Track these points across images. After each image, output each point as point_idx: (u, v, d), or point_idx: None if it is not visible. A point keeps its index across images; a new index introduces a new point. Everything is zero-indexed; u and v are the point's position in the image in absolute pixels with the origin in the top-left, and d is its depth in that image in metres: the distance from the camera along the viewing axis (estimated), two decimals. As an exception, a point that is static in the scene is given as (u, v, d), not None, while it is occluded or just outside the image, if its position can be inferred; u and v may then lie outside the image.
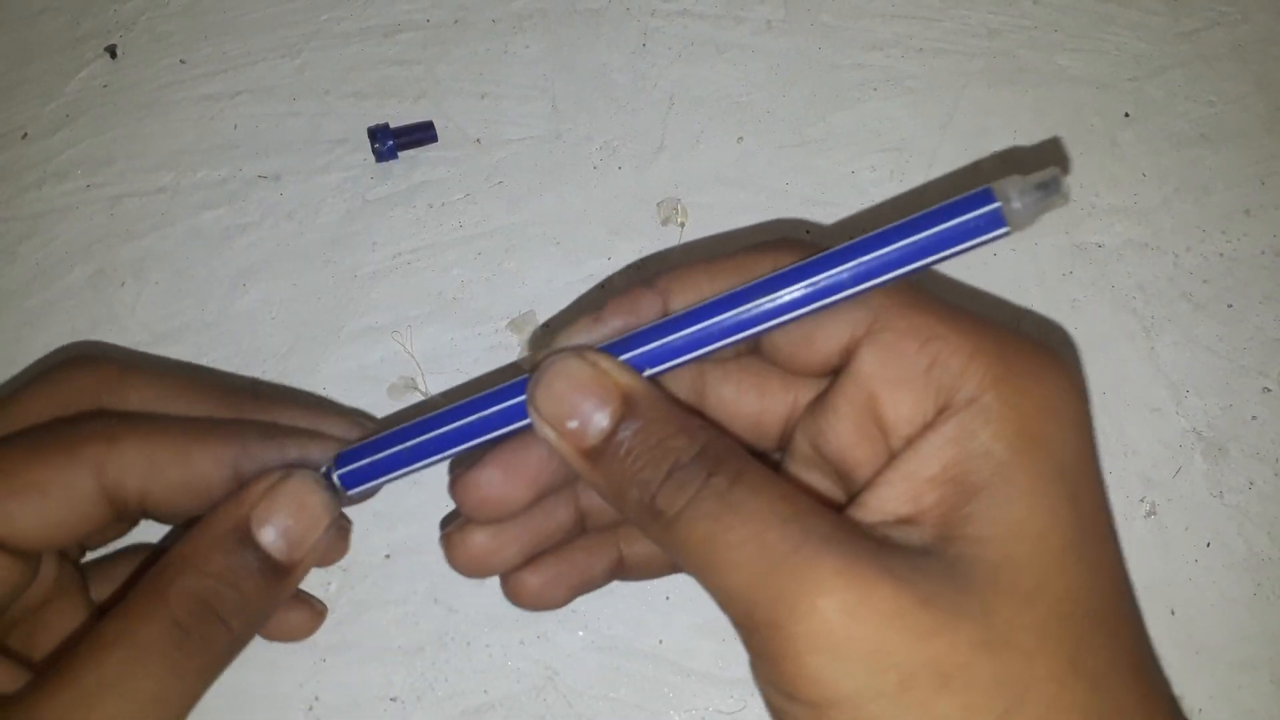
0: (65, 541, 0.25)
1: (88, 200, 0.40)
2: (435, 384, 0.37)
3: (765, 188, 0.40)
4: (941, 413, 0.21)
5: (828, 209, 0.40)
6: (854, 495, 0.23)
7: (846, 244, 0.22)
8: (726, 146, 0.40)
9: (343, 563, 0.35)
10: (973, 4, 0.43)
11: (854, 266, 0.22)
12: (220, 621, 0.24)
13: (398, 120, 0.40)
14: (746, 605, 0.20)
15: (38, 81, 0.42)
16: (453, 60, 0.42)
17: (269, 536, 0.25)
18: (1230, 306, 0.38)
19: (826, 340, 0.23)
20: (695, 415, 0.23)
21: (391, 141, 0.40)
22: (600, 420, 0.22)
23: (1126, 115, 0.41)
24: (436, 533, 0.36)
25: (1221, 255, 0.39)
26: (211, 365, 0.38)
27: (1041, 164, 0.23)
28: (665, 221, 0.39)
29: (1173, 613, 0.35)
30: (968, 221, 0.21)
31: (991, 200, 0.21)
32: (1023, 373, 0.21)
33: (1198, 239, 0.39)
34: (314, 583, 0.35)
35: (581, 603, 0.35)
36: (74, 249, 0.39)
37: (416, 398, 0.37)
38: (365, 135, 0.40)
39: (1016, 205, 0.21)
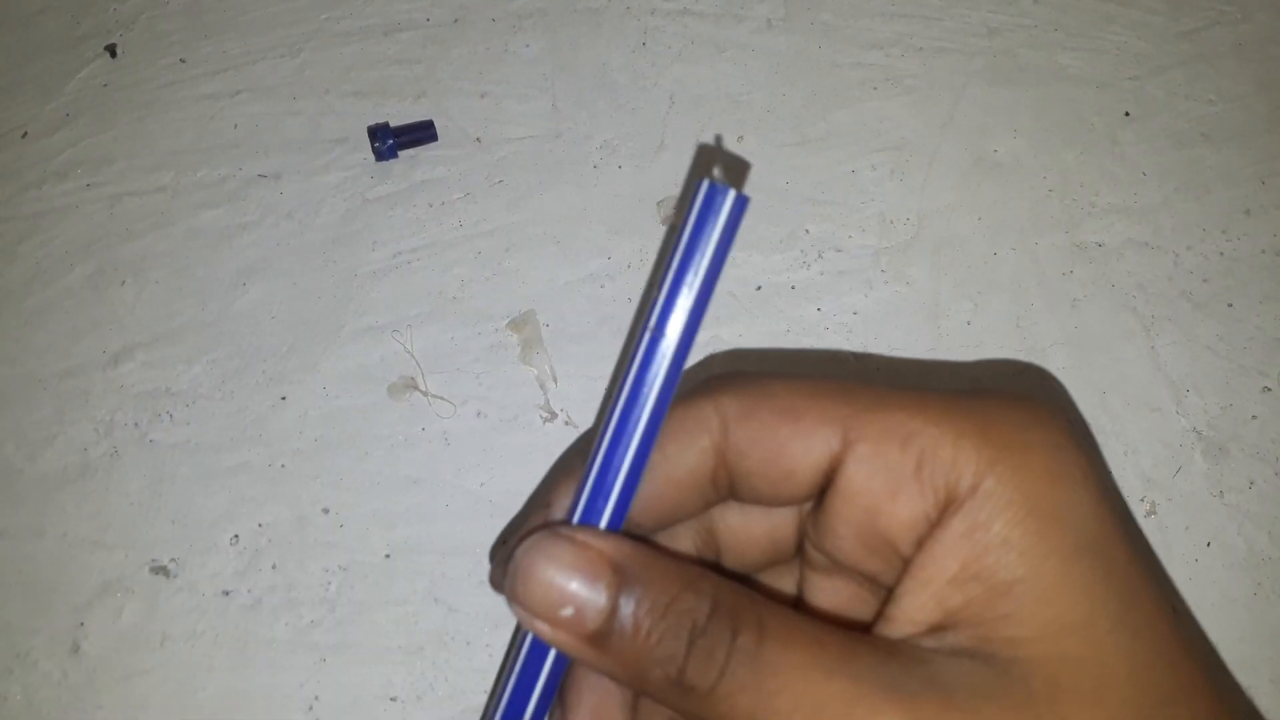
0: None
1: (87, 200, 0.40)
2: (435, 383, 0.37)
3: (765, 187, 0.40)
4: (945, 509, 0.20)
5: (828, 208, 0.40)
6: (880, 607, 0.22)
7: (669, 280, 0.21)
8: (727, 145, 0.40)
9: (342, 562, 0.35)
10: (973, 3, 0.43)
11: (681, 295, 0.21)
12: None
13: (398, 119, 0.40)
14: None
15: (38, 81, 0.42)
16: (452, 59, 0.42)
17: None
18: (1230, 306, 0.38)
19: (803, 470, 0.22)
20: (689, 562, 0.21)
21: (391, 140, 0.40)
22: (596, 599, 0.20)
23: (1127, 114, 0.41)
24: (436, 532, 0.36)
25: (1222, 254, 0.39)
26: (211, 364, 0.38)
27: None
28: (665, 220, 0.39)
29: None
30: (725, 217, 0.20)
31: (724, 191, 0.20)
32: (1014, 444, 0.20)
33: (1198, 238, 0.39)
34: (314, 582, 0.35)
35: (581, 602, 0.35)
36: (74, 249, 0.39)
37: (416, 397, 0.37)
38: (365, 134, 0.40)
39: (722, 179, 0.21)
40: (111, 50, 0.43)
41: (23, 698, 0.34)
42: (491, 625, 0.35)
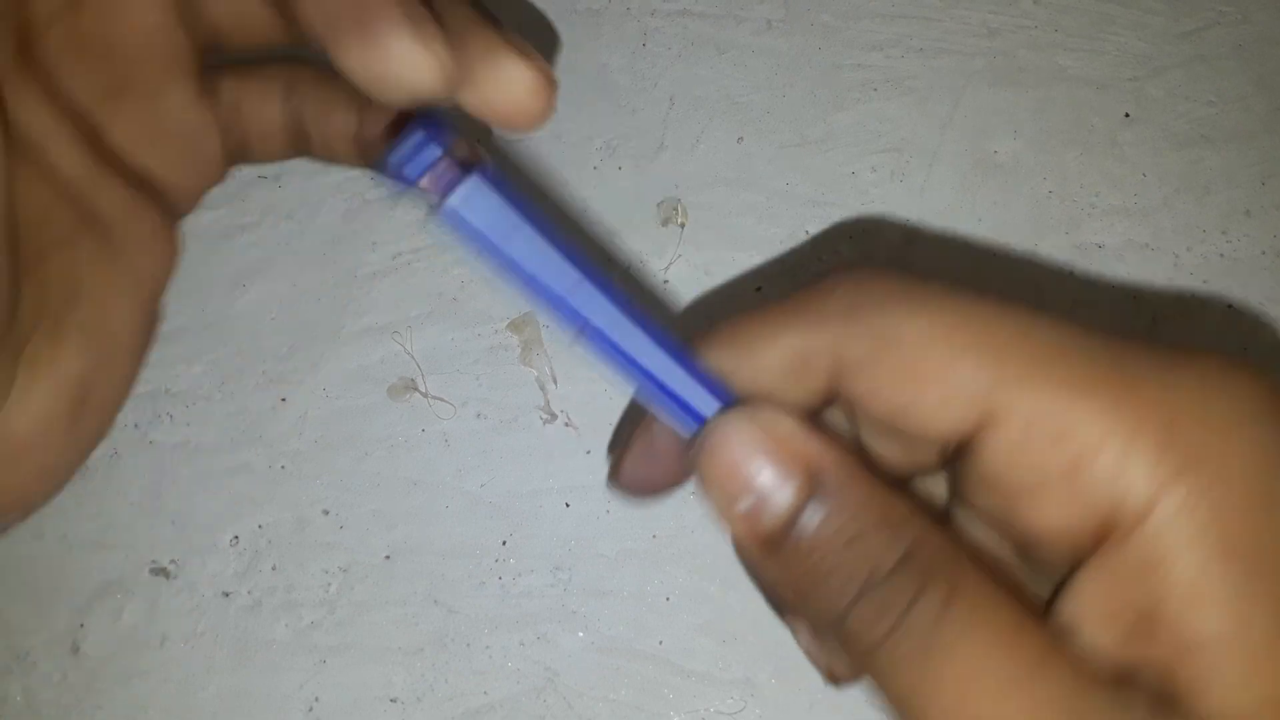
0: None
1: (87, 200, 0.40)
2: (435, 384, 0.37)
3: (765, 188, 0.40)
4: (1106, 532, 0.16)
5: (828, 209, 0.40)
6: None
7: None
8: (727, 146, 0.40)
9: (342, 563, 0.35)
10: (973, 4, 0.43)
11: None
12: None
13: (397, 120, 0.40)
14: None
15: (37, 81, 0.42)
16: (453, 60, 0.42)
17: None
18: (1230, 306, 0.38)
19: (923, 442, 0.19)
20: (897, 495, 0.18)
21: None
22: (780, 500, 0.18)
23: (1127, 115, 0.41)
24: (436, 533, 0.36)
25: (1222, 256, 0.39)
26: (211, 365, 0.38)
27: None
28: (665, 222, 0.39)
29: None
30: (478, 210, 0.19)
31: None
32: (1209, 449, 0.16)
33: (1198, 239, 0.39)
34: (315, 583, 0.35)
35: (582, 603, 0.35)
36: (74, 249, 0.39)
37: (416, 398, 0.37)
38: (365, 135, 0.40)
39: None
40: (111, 51, 0.43)
41: (23, 698, 0.34)
42: (491, 626, 0.35)
